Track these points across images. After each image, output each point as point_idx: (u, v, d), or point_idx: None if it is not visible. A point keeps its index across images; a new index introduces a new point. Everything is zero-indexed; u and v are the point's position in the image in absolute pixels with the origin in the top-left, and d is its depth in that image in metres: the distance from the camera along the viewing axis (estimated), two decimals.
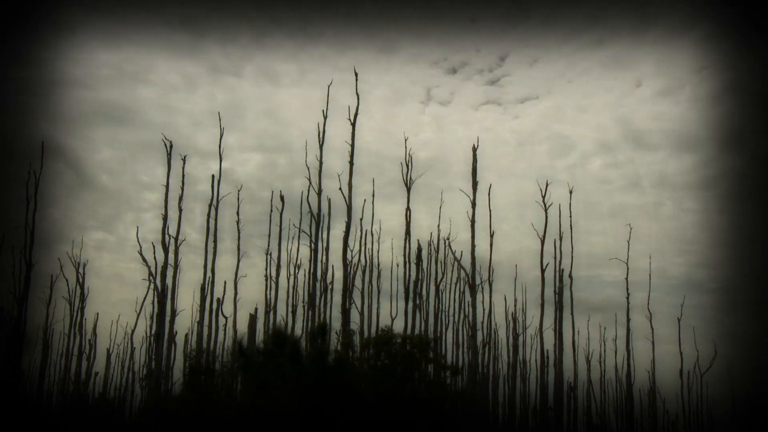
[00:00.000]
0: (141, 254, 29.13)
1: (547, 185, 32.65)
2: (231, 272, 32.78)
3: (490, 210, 31.85)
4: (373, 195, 33.75)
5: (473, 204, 30.09)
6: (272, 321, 34.29)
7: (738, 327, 43.11)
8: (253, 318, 33.15)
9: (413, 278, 33.32)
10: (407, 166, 30.81)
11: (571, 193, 33.40)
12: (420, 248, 34.34)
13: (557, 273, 33.33)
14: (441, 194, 34.86)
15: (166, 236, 29.23)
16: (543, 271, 32.06)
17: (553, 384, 33.14)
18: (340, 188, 27.86)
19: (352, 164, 27.76)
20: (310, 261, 29.99)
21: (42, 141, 29.26)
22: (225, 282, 32.82)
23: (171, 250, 29.28)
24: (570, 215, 33.56)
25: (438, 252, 36.48)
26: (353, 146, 27.72)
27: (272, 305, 34.73)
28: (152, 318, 33.88)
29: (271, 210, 34.92)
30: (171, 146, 29.91)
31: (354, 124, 27.86)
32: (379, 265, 37.37)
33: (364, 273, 35.43)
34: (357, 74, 27.93)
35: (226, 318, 32.93)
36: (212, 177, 31.16)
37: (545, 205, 32.58)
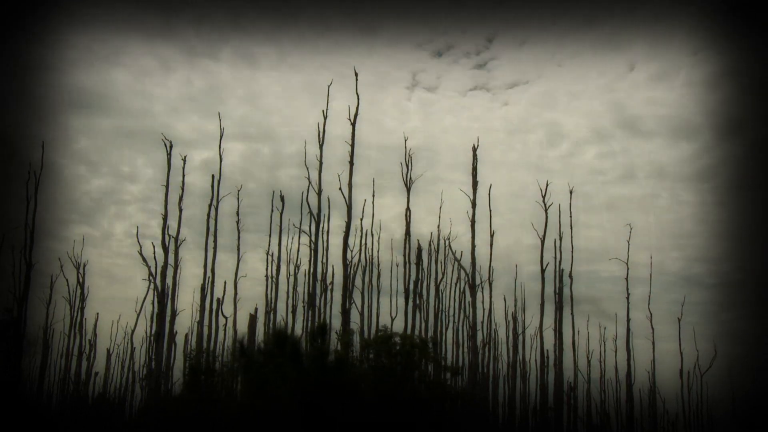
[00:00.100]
0: (141, 254, 29.16)
1: (547, 185, 32.69)
2: (231, 272, 32.86)
3: (490, 210, 31.90)
4: (374, 195, 33.78)
5: (473, 204, 30.09)
6: (272, 321, 34.32)
7: (737, 325, 42.85)
8: (253, 318, 33.21)
9: (413, 278, 33.34)
10: (407, 166, 30.85)
11: (571, 193, 33.47)
12: (420, 248, 34.36)
13: (557, 272, 33.32)
14: (441, 194, 34.92)
15: (166, 236, 29.24)
16: (543, 271, 32.04)
17: (553, 384, 33.13)
18: (340, 188, 27.88)
19: (352, 164, 27.75)
20: (310, 261, 29.99)
21: (42, 141, 29.34)
22: (225, 282, 32.86)
23: (171, 250, 29.30)
24: (570, 215, 33.61)
25: (438, 252, 36.52)
26: (353, 146, 27.74)
27: (272, 305, 34.75)
28: (152, 318, 33.91)
29: (272, 210, 34.97)
30: (171, 146, 29.93)
31: (354, 124, 27.85)
32: (379, 265, 37.45)
33: (364, 273, 35.50)
34: (357, 74, 27.94)
35: (226, 318, 32.96)
36: (212, 177, 31.16)
37: (545, 205, 32.57)
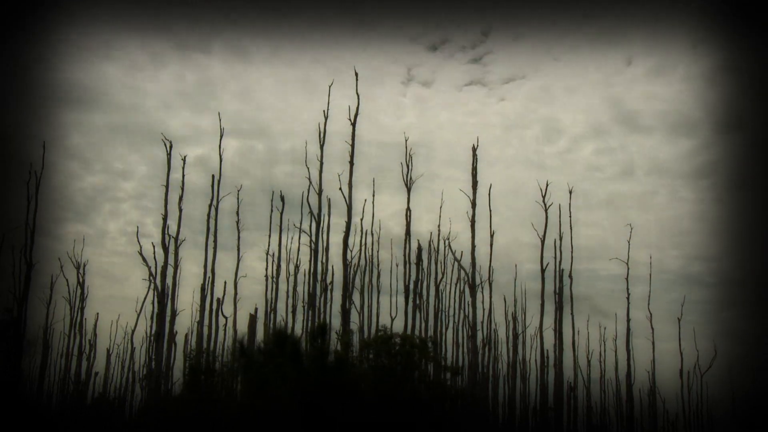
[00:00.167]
0: (141, 254, 29.15)
1: (547, 185, 32.67)
2: (231, 272, 32.84)
3: (490, 210, 31.87)
4: (373, 195, 33.80)
5: (473, 204, 30.08)
6: (272, 321, 34.32)
7: (738, 324, 42.64)
8: (253, 318, 33.18)
9: (413, 278, 33.35)
10: (407, 166, 30.86)
11: (571, 193, 33.50)
12: (420, 248, 34.36)
13: (557, 272, 33.31)
14: (441, 194, 34.89)
15: (166, 236, 29.23)
16: (543, 271, 32.01)
17: (553, 384, 33.12)
18: (340, 188, 27.90)
19: (352, 164, 27.76)
20: (310, 261, 30.01)
21: (43, 141, 29.35)
22: (225, 282, 32.84)
23: (171, 251, 29.29)
24: (570, 215, 33.61)
25: (438, 252, 36.52)
26: (353, 146, 27.76)
27: (272, 305, 34.75)
28: (152, 318, 33.90)
29: (271, 210, 34.97)
30: (171, 146, 29.93)
31: (354, 124, 27.87)
32: (379, 265, 37.45)
33: (364, 273, 35.50)
34: (357, 74, 27.97)
35: (226, 318, 32.95)
36: (212, 177, 31.17)
37: (545, 205, 32.56)
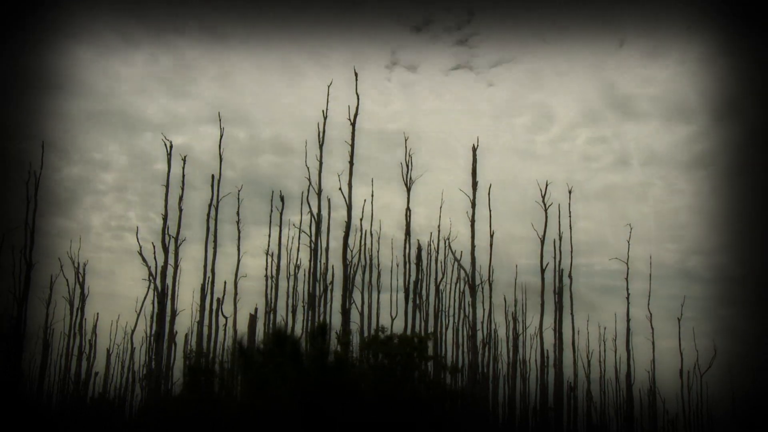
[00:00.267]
0: (141, 254, 29.16)
1: (547, 185, 32.65)
2: (231, 272, 32.84)
3: (490, 210, 31.84)
4: (372, 195, 33.80)
5: (473, 204, 30.07)
6: (272, 321, 34.31)
7: (737, 323, 42.10)
8: (253, 318, 33.20)
9: (413, 278, 33.36)
10: (407, 167, 30.87)
11: (570, 193, 33.54)
12: (420, 248, 34.38)
13: (557, 272, 33.32)
14: (441, 194, 34.93)
15: (166, 236, 29.23)
16: (543, 271, 32.02)
17: (553, 384, 33.13)
18: (340, 188, 27.89)
19: (352, 164, 27.74)
20: (310, 261, 30.01)
21: (42, 141, 29.37)
22: (225, 282, 32.84)
23: (171, 250, 29.30)
24: (570, 215, 33.65)
25: (438, 252, 36.52)
26: (353, 146, 27.73)
27: (272, 305, 34.75)
28: (152, 318, 33.92)
29: (271, 210, 34.94)
30: (171, 146, 29.93)
31: (354, 124, 27.85)
32: (379, 265, 37.45)
33: (364, 273, 35.50)
34: (357, 74, 27.94)
35: (226, 318, 32.94)
36: (212, 177, 31.13)
37: (545, 206, 32.57)
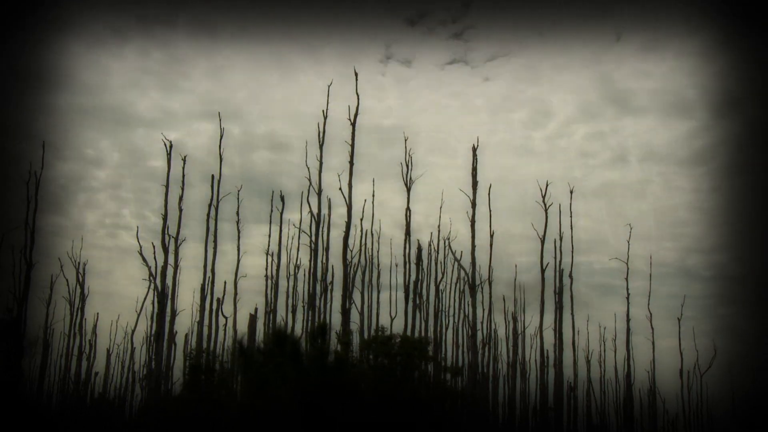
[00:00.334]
0: (141, 254, 29.17)
1: (547, 185, 32.66)
2: (231, 272, 32.84)
3: (490, 210, 31.86)
4: (373, 195, 33.80)
5: (473, 204, 30.08)
6: (272, 321, 34.30)
7: (737, 322, 41.73)
8: (253, 318, 33.21)
9: (413, 278, 33.35)
10: (407, 166, 30.87)
11: (572, 193, 33.53)
12: (420, 248, 34.37)
13: (557, 272, 33.31)
14: (441, 194, 34.93)
15: (166, 236, 29.23)
16: (543, 271, 32.02)
17: (553, 384, 33.13)
18: (340, 188, 27.93)
19: (352, 164, 27.79)
20: (310, 261, 30.02)
21: (42, 141, 29.37)
22: (225, 282, 32.84)
23: (171, 250, 29.30)
24: (570, 215, 33.63)
25: (438, 252, 36.51)
26: (353, 146, 27.79)
27: (272, 305, 34.73)
28: (152, 318, 33.91)
29: (272, 210, 34.97)
30: (171, 146, 29.95)
31: (354, 124, 27.90)
32: (379, 265, 37.45)
33: (364, 273, 35.49)
34: (357, 74, 27.99)
35: (226, 318, 32.96)
36: (212, 177, 31.15)
37: (545, 205, 32.57)
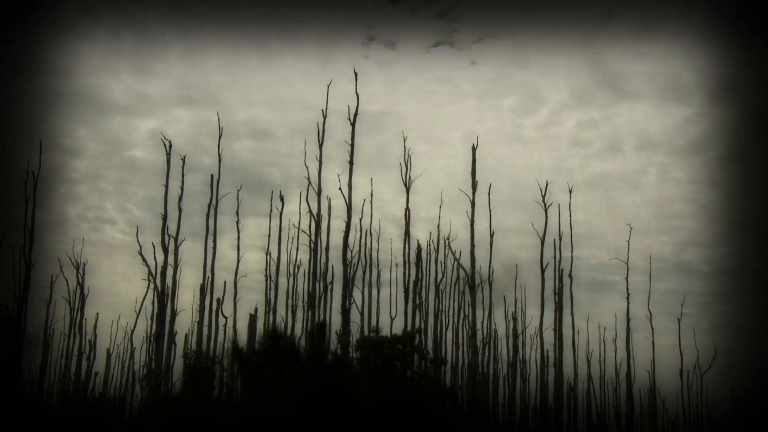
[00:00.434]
0: (141, 254, 29.16)
1: (547, 185, 32.67)
2: (231, 272, 32.85)
3: (490, 210, 31.81)
4: (372, 195, 33.85)
5: (472, 204, 30.09)
6: (272, 321, 34.32)
7: (736, 318, 41.47)
8: (253, 318, 33.15)
9: (413, 278, 33.35)
10: (406, 166, 30.89)
11: (571, 193, 33.54)
12: (420, 248, 34.39)
13: (557, 272, 33.31)
14: (441, 194, 34.92)
15: (166, 236, 29.24)
16: (543, 271, 32.03)
17: (553, 384, 33.12)
18: (340, 188, 27.96)
19: (352, 164, 27.83)
20: (310, 261, 30.02)
21: (40, 140, 29.40)
22: (225, 282, 32.86)
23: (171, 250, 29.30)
24: (570, 215, 33.64)
25: (437, 252, 36.51)
26: (353, 146, 27.83)
27: (272, 305, 34.74)
28: (152, 318, 33.91)
29: (271, 210, 34.97)
30: (170, 146, 29.95)
31: (354, 124, 27.93)
32: (379, 265, 37.43)
33: (365, 272, 35.49)
34: (357, 74, 28.04)
35: (226, 318, 32.96)
36: (211, 177, 31.19)
37: (545, 205, 32.57)
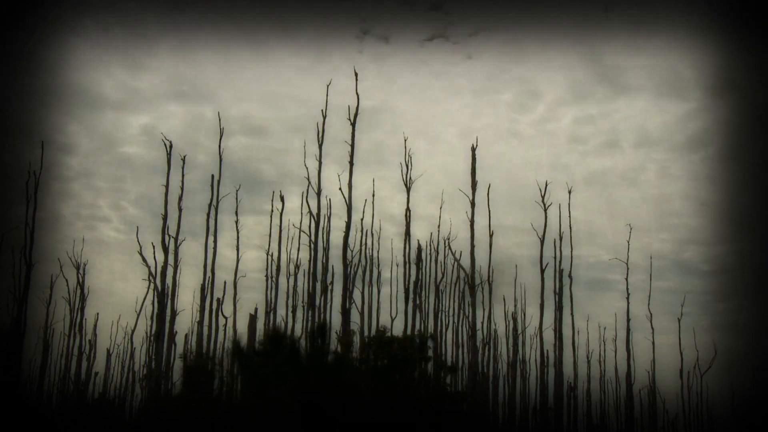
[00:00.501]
0: (141, 254, 29.16)
1: (547, 185, 32.68)
2: (230, 272, 32.83)
3: (490, 210, 31.80)
4: (373, 195, 33.81)
5: (472, 204, 30.09)
6: (272, 321, 34.30)
7: (736, 318, 41.31)
8: (253, 318, 33.12)
9: (413, 278, 33.36)
10: (407, 166, 30.90)
11: (570, 193, 33.59)
12: (420, 248, 34.39)
13: (557, 272, 33.32)
14: (442, 194, 34.91)
15: (166, 236, 29.24)
16: (543, 271, 32.03)
17: (553, 384, 33.13)
18: (340, 188, 27.96)
19: (352, 164, 27.83)
20: (310, 261, 30.02)
21: (42, 141, 29.41)
22: (225, 282, 32.85)
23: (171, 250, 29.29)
24: (569, 215, 33.68)
25: (438, 252, 36.51)
26: (353, 146, 27.82)
27: (272, 305, 34.74)
28: (152, 318, 33.90)
29: (272, 210, 34.96)
30: (171, 146, 29.94)
31: (354, 124, 27.94)
32: (379, 265, 37.44)
33: (364, 273, 35.50)
34: (357, 74, 28.05)
35: (226, 318, 32.92)
36: (212, 177, 31.16)
37: (545, 206, 32.59)
